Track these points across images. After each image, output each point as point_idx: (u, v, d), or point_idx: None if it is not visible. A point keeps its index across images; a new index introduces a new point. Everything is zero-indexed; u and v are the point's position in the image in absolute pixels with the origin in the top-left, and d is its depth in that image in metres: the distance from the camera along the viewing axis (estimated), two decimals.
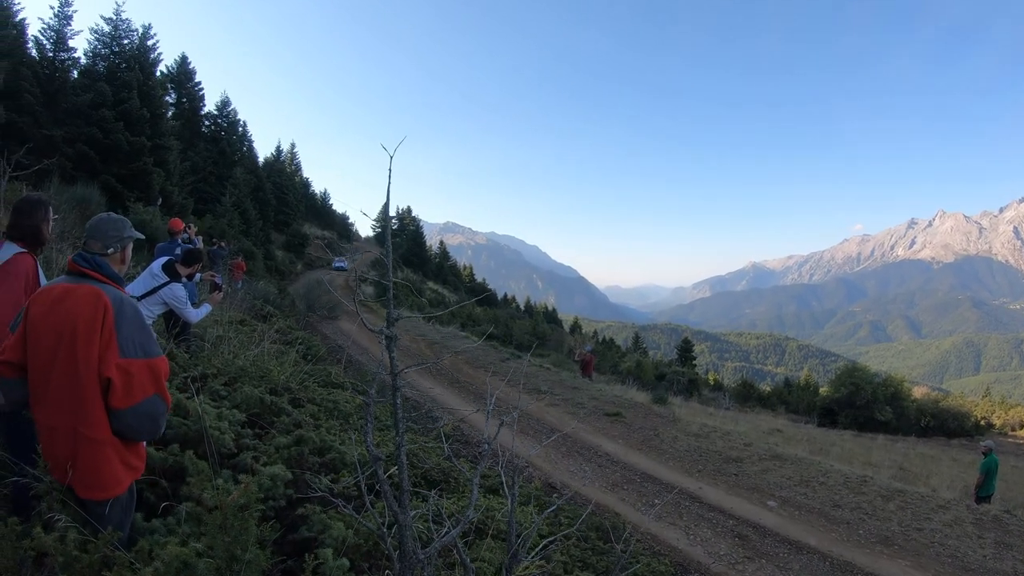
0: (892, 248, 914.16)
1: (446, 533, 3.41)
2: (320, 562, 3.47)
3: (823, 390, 62.75)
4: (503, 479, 4.52)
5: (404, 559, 3.21)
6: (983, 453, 17.64)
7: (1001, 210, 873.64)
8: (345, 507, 3.61)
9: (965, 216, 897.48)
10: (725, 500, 11.88)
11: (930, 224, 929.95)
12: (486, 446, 3.86)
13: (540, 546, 4.31)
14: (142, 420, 3.21)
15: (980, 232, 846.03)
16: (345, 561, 3.69)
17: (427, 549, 3.24)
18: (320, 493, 3.99)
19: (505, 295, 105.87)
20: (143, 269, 8.30)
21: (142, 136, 31.13)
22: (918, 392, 74.58)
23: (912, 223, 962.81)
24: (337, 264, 67.84)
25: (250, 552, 2.98)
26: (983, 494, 16.91)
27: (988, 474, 17.07)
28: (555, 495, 10.31)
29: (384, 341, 3.23)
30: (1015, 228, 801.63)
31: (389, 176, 3.30)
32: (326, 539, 3.98)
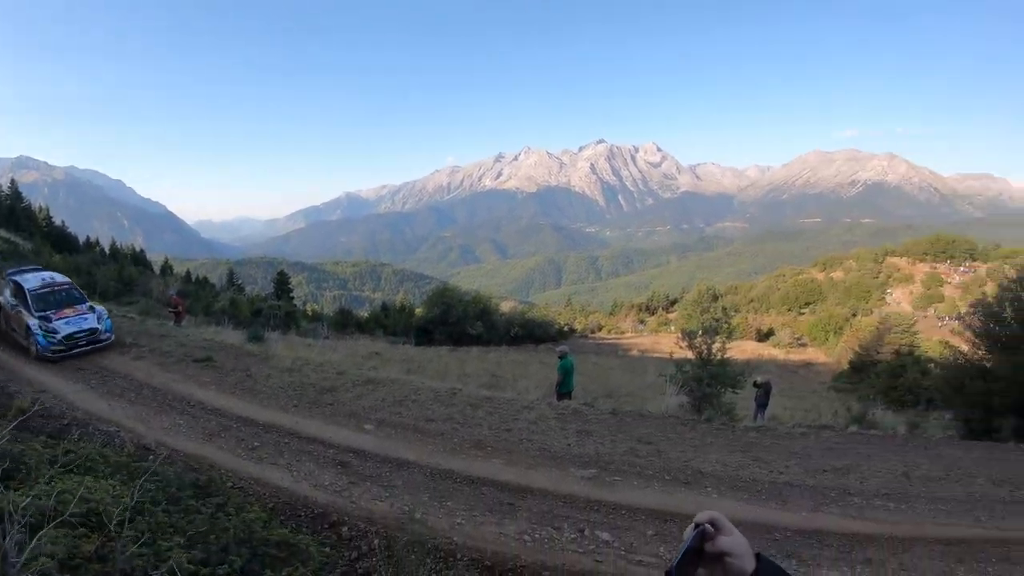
0: (480, 179, 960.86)
1: None
2: None
3: (418, 311, 65.48)
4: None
5: None
6: (559, 356, 19.55)
7: (580, 149, 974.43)
8: None
9: (548, 152, 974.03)
10: (324, 430, 12.14)
11: (516, 158, 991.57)
12: None
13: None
14: None
15: (561, 167, 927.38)
16: None
17: None
18: None
19: (88, 238, 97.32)
20: None
21: None
22: (506, 306, 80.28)
23: (499, 157, 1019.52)
24: None
25: None
26: (563, 391, 18.79)
27: (565, 374, 18.99)
28: (151, 457, 9.95)
29: None
30: (591, 164, 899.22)
31: None
32: None
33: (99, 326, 18.50)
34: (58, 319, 17.93)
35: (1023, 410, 18.52)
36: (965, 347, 23.13)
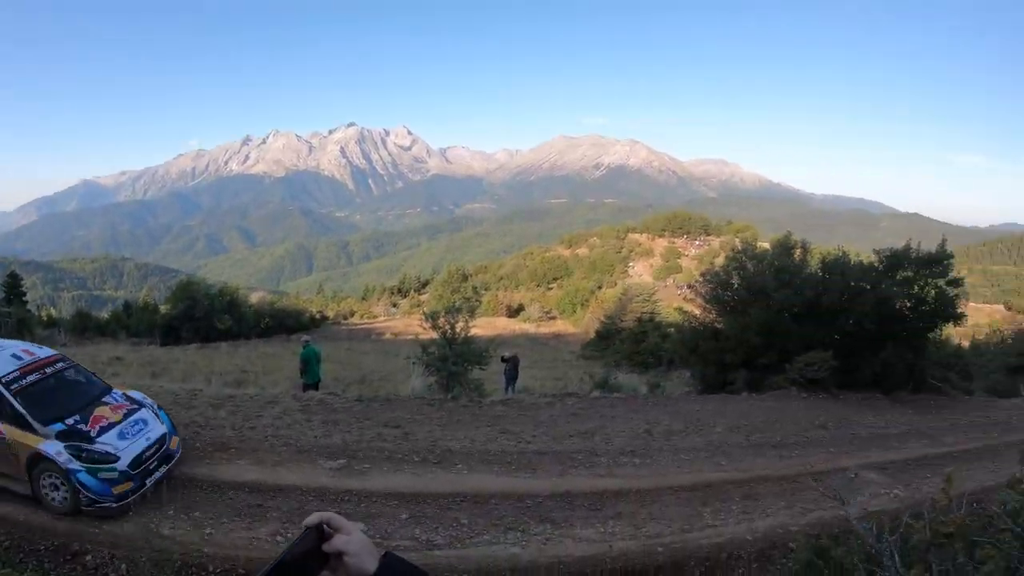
0: (227, 163, 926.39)
1: None
2: None
3: (163, 308, 62.66)
4: None
5: None
6: (302, 346, 19.31)
7: (330, 132, 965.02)
8: None
9: (297, 135, 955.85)
10: None
11: (264, 142, 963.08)
12: None
13: None
14: None
15: (310, 150, 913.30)
16: None
17: None
18: None
19: None
20: None
21: None
22: (255, 297, 78.33)
23: (247, 140, 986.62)
24: None
25: None
26: (309, 381, 18.59)
27: (308, 363, 18.78)
28: None
29: None
30: (341, 148, 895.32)
31: None
32: None
33: (164, 429, 10.15)
34: (99, 433, 9.26)
35: (751, 364, 20.34)
36: (698, 312, 24.89)
